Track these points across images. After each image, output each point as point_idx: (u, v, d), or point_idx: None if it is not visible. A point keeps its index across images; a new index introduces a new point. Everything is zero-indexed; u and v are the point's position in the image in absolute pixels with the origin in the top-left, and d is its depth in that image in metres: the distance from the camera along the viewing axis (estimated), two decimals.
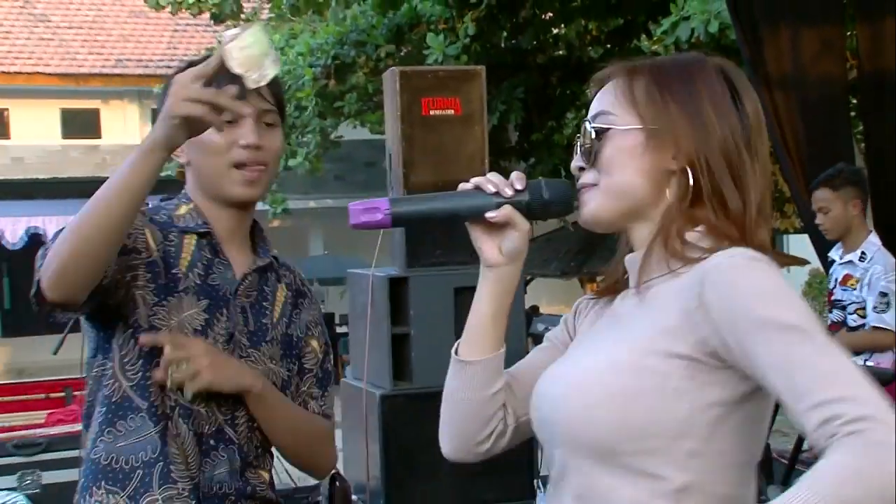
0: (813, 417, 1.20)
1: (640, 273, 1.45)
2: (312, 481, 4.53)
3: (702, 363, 1.33)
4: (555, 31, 12.03)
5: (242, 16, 12.62)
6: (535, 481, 5.64)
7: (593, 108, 1.50)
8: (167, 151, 1.69)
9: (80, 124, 19.79)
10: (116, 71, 19.48)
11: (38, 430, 5.69)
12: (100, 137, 19.84)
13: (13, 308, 17.87)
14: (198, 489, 1.86)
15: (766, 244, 1.41)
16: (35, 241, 14.32)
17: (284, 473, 3.83)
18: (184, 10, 11.20)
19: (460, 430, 1.57)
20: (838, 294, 4.96)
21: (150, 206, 1.91)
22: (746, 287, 1.30)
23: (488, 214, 1.46)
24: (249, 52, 1.64)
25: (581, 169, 1.49)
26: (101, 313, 1.85)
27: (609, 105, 1.47)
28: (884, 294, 4.55)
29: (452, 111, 5.90)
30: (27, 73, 19.10)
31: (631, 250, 1.50)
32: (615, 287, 1.55)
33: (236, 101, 1.69)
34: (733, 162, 1.42)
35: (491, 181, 1.46)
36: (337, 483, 2.77)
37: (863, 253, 4.73)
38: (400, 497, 5.75)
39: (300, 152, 11.32)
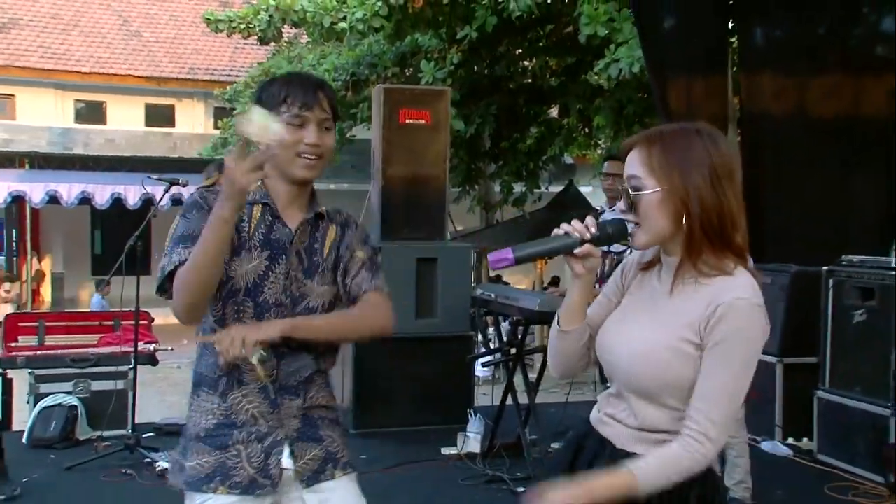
0: (690, 410, 1.63)
1: (675, 278, 1.71)
2: None
3: (701, 348, 1.65)
4: (523, 63, 11.94)
5: (284, 39, 12.48)
6: (468, 410, 5.63)
7: (628, 170, 1.72)
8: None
9: (159, 116, 19.67)
10: (189, 76, 19.35)
11: (90, 350, 5.65)
12: (174, 127, 19.72)
13: (103, 252, 17.87)
14: (275, 383, 1.98)
15: (742, 248, 1.70)
16: (118, 203, 14.29)
17: None
18: (237, 33, 11.03)
19: (565, 365, 1.87)
20: None
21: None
22: (741, 329, 1.62)
23: (576, 251, 1.73)
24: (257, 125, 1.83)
25: (624, 211, 1.74)
26: None
27: (637, 170, 1.69)
28: None
29: (423, 121, 5.86)
30: (121, 74, 18.98)
31: (664, 250, 1.76)
32: (651, 266, 1.80)
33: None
34: (714, 201, 1.66)
35: (575, 228, 1.72)
36: None
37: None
38: (365, 416, 5.74)
39: None
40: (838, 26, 6.06)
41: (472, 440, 5.28)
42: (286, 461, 2.00)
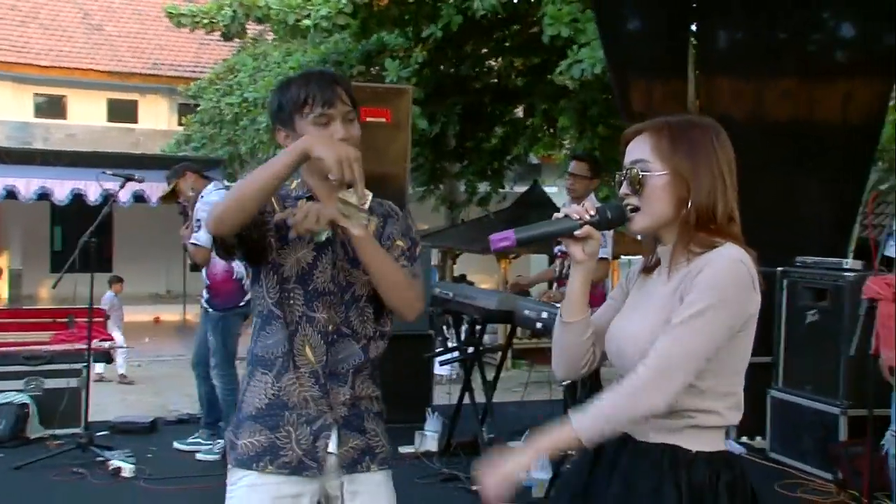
0: (650, 350, 1.64)
1: (670, 264, 1.75)
2: None
3: None
4: (489, 63, 11.98)
5: (249, 35, 12.40)
6: (426, 409, 5.66)
7: (633, 154, 1.76)
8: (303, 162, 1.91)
9: (122, 112, 19.46)
10: (153, 72, 19.17)
11: (43, 347, 5.58)
12: (136, 123, 19.52)
13: (63, 249, 17.61)
14: (325, 369, 2.04)
15: (737, 235, 1.72)
16: (78, 200, 14.06)
17: None
18: (201, 28, 10.94)
19: (568, 363, 1.87)
20: None
21: None
22: (711, 277, 1.64)
23: (576, 233, 1.76)
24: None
25: (627, 194, 1.76)
26: (252, 256, 2.05)
27: (646, 154, 1.73)
28: None
29: (384, 119, 5.86)
30: (83, 69, 18.76)
31: (658, 241, 1.79)
32: (653, 268, 1.83)
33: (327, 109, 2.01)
34: (714, 190, 1.71)
35: (575, 211, 1.77)
36: None
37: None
38: None
39: None
40: (798, 31, 6.17)
41: (429, 439, 5.30)
42: (332, 445, 2.07)
